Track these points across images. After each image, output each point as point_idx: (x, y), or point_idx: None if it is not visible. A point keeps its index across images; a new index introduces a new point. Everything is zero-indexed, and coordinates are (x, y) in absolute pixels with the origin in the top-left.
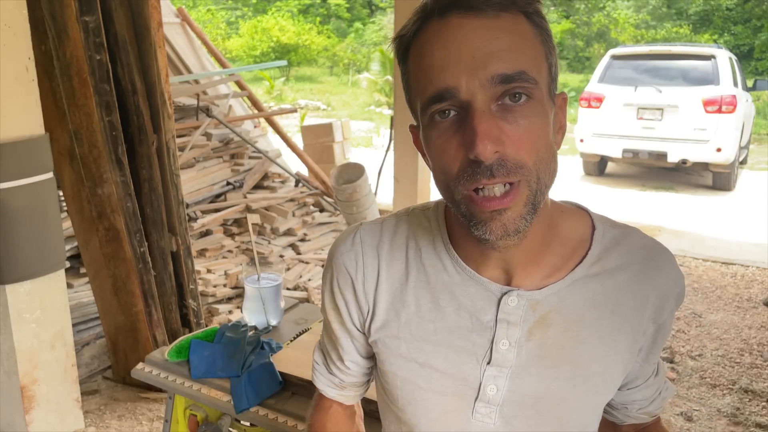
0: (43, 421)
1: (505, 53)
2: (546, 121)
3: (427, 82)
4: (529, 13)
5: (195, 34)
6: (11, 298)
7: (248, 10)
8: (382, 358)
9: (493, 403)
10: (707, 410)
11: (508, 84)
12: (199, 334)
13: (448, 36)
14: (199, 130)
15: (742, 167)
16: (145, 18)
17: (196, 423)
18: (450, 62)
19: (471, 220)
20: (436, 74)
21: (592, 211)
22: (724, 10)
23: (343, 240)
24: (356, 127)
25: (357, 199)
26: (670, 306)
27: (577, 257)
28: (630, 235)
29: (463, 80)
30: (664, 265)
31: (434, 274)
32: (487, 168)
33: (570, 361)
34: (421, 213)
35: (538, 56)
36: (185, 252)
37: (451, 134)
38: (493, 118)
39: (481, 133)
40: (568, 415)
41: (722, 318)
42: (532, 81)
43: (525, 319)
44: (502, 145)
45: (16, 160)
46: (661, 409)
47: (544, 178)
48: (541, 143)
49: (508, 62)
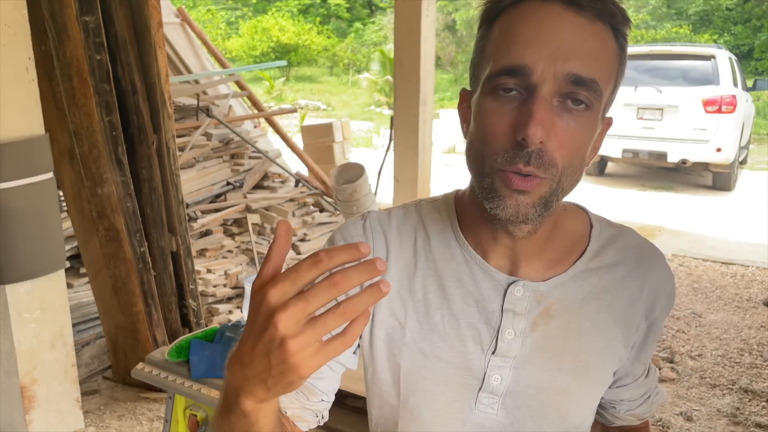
0: (43, 421)
1: (587, 57)
2: (592, 135)
3: (505, 52)
4: (619, 32)
5: (195, 34)
6: (11, 298)
7: (248, 10)
8: (384, 348)
9: (497, 393)
10: (707, 410)
11: (578, 87)
12: (199, 334)
13: (543, 19)
14: (199, 130)
15: (742, 167)
16: (145, 18)
17: (196, 423)
18: (536, 43)
19: (491, 193)
20: (519, 48)
21: (590, 210)
22: (724, 10)
23: (352, 224)
24: (356, 127)
25: (357, 199)
26: (661, 305)
27: (577, 252)
28: (625, 233)
29: (541, 65)
30: (656, 264)
31: (442, 262)
32: (527, 154)
33: (571, 353)
34: (429, 204)
35: (612, 73)
36: (185, 252)
37: (507, 110)
38: (550, 110)
39: (537, 118)
40: (569, 406)
41: (722, 318)
42: (599, 92)
43: (530, 309)
44: (548, 138)
45: (16, 160)
46: (650, 413)
47: (564, 183)
48: (578, 153)
49: (587, 66)
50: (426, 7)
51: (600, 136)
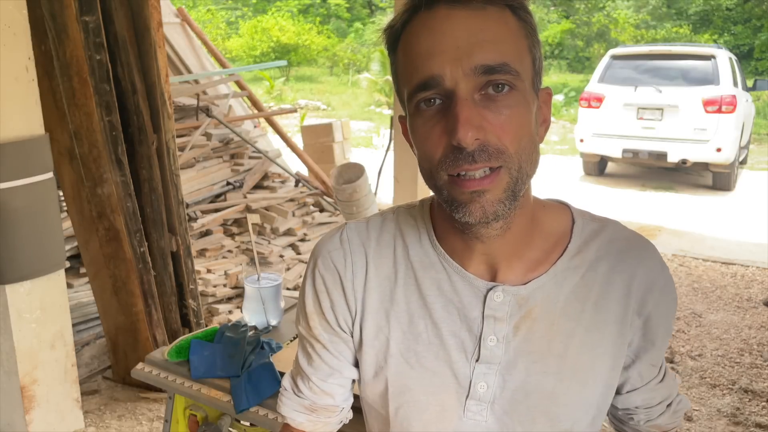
0: (43, 421)
1: (489, 44)
2: (528, 111)
3: (413, 71)
4: (514, 7)
5: (195, 34)
6: (11, 298)
7: (248, 10)
8: (371, 360)
9: (484, 400)
10: (707, 410)
11: (491, 75)
12: (199, 334)
13: (434, 25)
14: (199, 130)
15: (742, 167)
16: (145, 18)
17: (196, 423)
18: (435, 51)
19: (452, 203)
20: (422, 63)
21: (573, 206)
22: (724, 10)
23: (329, 238)
24: (356, 127)
25: (357, 199)
26: (655, 298)
27: (558, 251)
28: (608, 227)
29: (448, 69)
30: (644, 255)
31: (421, 271)
32: (469, 154)
33: (556, 355)
34: (406, 211)
35: (522, 49)
36: (185, 252)
37: (435, 122)
38: (475, 107)
39: (463, 120)
40: (558, 410)
41: (722, 318)
42: (515, 72)
43: (511, 314)
44: (484, 132)
45: (16, 160)
46: (675, 425)
47: (525, 167)
48: (523, 132)
49: (491, 53)
50: None
51: (543, 110)
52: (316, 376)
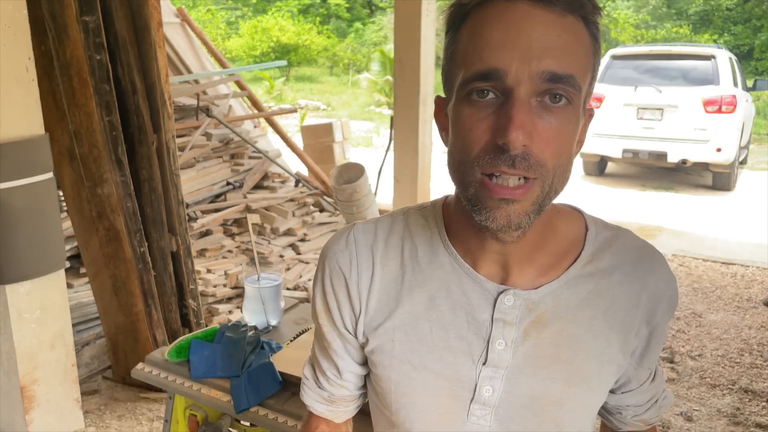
0: (43, 421)
1: (561, 52)
2: (576, 129)
3: (476, 58)
4: (590, 22)
5: (195, 34)
6: (11, 298)
7: (248, 10)
8: (375, 361)
9: (489, 404)
10: (707, 410)
11: (555, 84)
12: (199, 334)
13: (511, 19)
14: (199, 130)
15: (742, 167)
16: (145, 18)
17: (196, 423)
18: (506, 45)
19: (476, 204)
20: (489, 52)
21: (586, 212)
22: (724, 10)
23: (336, 240)
24: (356, 127)
25: (357, 199)
26: (663, 309)
27: (571, 257)
28: (622, 236)
29: (514, 66)
30: (655, 267)
31: (430, 272)
32: (510, 157)
33: (565, 361)
34: (417, 212)
35: (588, 66)
36: (185, 252)
37: (484, 115)
38: (530, 112)
39: (517, 123)
40: (564, 416)
41: (722, 318)
42: (578, 87)
43: (521, 318)
44: (531, 141)
45: (16, 160)
46: (658, 418)
47: (556, 184)
48: (564, 149)
49: (562, 62)
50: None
51: (583, 130)
52: (329, 371)
